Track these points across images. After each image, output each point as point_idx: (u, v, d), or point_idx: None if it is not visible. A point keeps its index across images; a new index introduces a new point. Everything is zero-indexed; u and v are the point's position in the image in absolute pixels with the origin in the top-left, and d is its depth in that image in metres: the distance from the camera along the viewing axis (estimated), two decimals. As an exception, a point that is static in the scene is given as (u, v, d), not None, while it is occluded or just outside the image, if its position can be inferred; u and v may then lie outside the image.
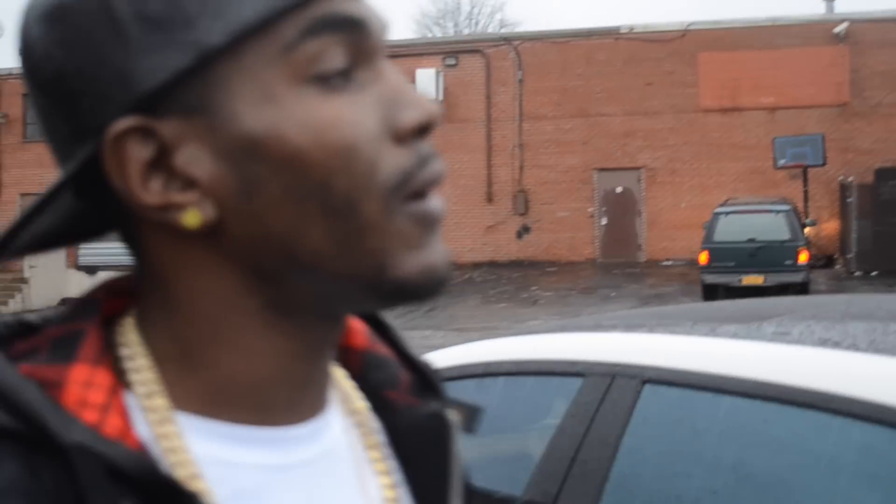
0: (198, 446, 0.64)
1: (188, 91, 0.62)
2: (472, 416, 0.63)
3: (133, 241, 0.68)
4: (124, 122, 0.62)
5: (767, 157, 21.62)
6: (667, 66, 23.49)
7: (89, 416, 0.61)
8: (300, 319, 0.67)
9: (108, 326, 0.67)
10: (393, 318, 0.78)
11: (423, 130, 0.65)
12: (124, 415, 0.63)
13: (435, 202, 0.66)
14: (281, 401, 0.68)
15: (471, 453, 2.47)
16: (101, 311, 0.67)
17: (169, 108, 0.62)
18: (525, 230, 24.42)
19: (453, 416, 0.78)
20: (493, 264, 23.67)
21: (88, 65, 0.62)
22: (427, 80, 23.77)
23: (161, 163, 0.63)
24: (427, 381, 0.79)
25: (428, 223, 0.65)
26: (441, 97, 24.11)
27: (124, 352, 0.66)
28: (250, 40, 0.61)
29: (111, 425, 0.61)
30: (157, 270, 0.66)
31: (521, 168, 24.50)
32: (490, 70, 24.64)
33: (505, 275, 22.28)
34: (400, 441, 0.76)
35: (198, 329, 0.66)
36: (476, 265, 23.39)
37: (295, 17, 0.62)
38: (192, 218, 0.63)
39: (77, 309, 0.67)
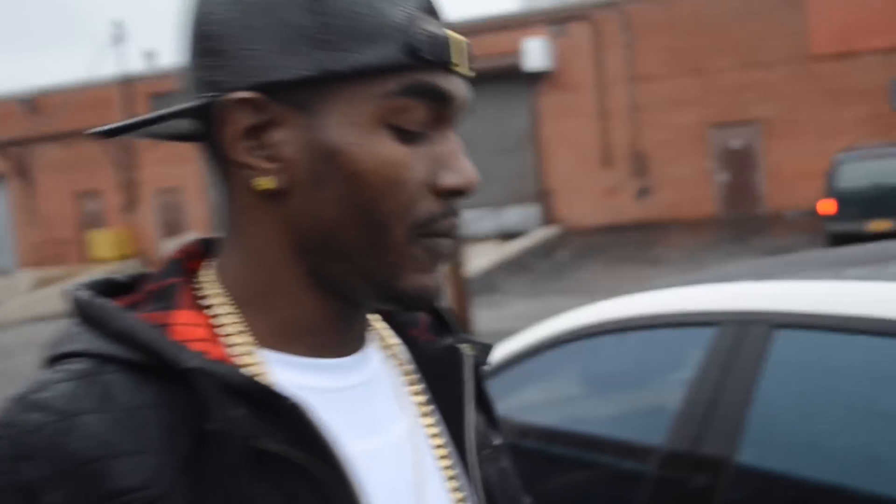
0: (274, 373, 0.83)
1: (302, 92, 0.80)
2: (483, 350, 0.79)
3: (220, 183, 0.87)
4: (247, 94, 0.81)
5: (885, 100, 20.90)
6: (776, 14, 22.87)
7: (196, 348, 0.79)
8: (333, 290, 0.85)
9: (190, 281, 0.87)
10: (522, 285, 0.95)
11: (457, 193, 0.84)
12: (221, 347, 0.82)
13: (447, 244, 0.85)
14: (331, 339, 0.87)
15: (609, 407, 2.59)
16: (184, 268, 0.88)
17: (283, 96, 0.80)
18: (644, 191, 24.18)
19: (466, 348, 0.96)
20: (613, 228, 23.52)
21: (247, 42, 0.80)
22: (536, 49, 23.70)
23: (255, 133, 0.82)
24: (443, 321, 0.99)
25: (435, 256, 0.85)
26: (551, 65, 24.03)
27: (210, 300, 0.85)
28: (363, 78, 0.80)
29: (214, 354, 0.80)
30: (236, 214, 0.86)
31: (636, 130, 24.25)
32: (598, 35, 24.39)
33: (627, 237, 22.14)
34: (423, 369, 0.96)
35: (265, 279, 0.85)
36: (597, 230, 23.29)
37: (402, 75, 0.80)
38: (265, 182, 0.82)
39: (166, 268, 0.87)
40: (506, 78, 23.82)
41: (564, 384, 2.56)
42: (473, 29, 24.28)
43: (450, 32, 0.83)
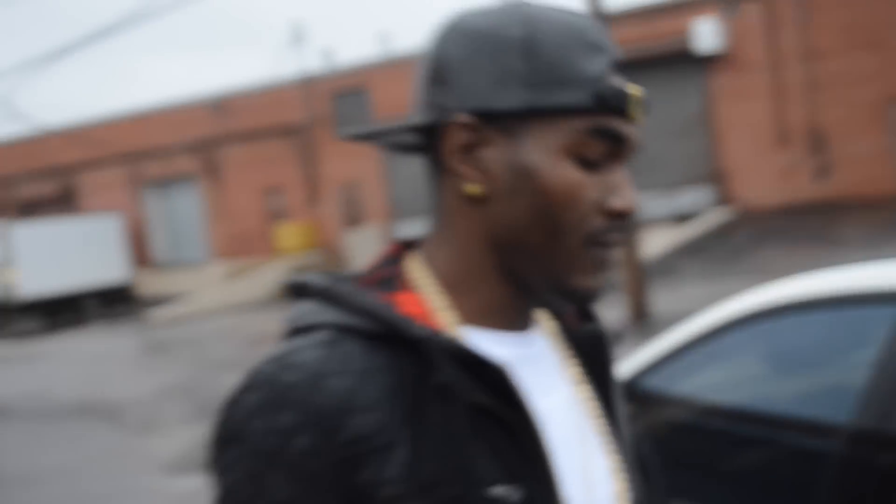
0: (476, 343, 1.03)
1: (510, 121, 1.01)
2: (617, 335, 1.04)
3: (435, 187, 1.08)
4: (468, 118, 1.02)
5: None
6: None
7: (418, 322, 1.00)
8: (517, 280, 1.06)
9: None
10: (699, 267, 1.11)
11: (622, 214, 1.04)
12: (434, 321, 1.04)
13: (611, 254, 1.05)
14: (514, 318, 1.08)
15: (793, 386, 2.61)
16: (399, 260, 1.11)
17: (495, 122, 1.02)
18: (822, 171, 23.31)
19: (607, 333, 1.18)
20: (789, 208, 22.80)
21: (472, 76, 1.02)
22: (707, 31, 23.17)
23: (469, 149, 1.03)
24: (586, 310, 1.20)
25: (601, 263, 1.05)
26: (723, 46, 23.45)
27: (420, 284, 1.07)
28: (559, 116, 1.01)
29: (431, 327, 1.01)
30: (445, 213, 1.07)
31: (812, 108, 23.37)
32: (771, 13, 23.62)
33: (804, 218, 21.42)
34: (574, 347, 1.18)
35: (467, 268, 1.06)
36: (773, 210, 22.62)
37: (589, 118, 1.01)
38: (472, 188, 1.03)
39: (383, 261, 1.11)
40: (676, 60, 23.40)
41: (748, 364, 2.60)
42: (644, 12, 23.95)
43: (631, 86, 1.03)
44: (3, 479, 9.77)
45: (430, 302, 1.06)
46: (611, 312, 15.07)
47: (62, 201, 35.06)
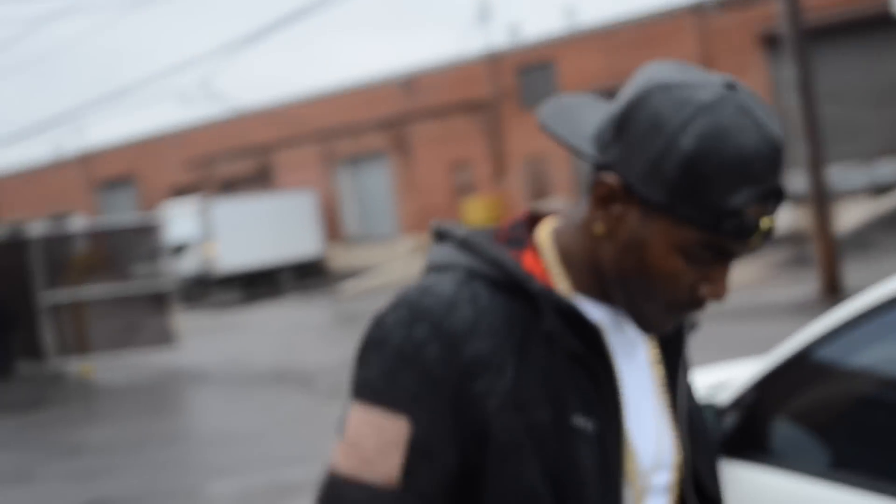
0: (581, 307, 1.24)
1: (648, 202, 1.18)
2: (692, 323, 1.35)
3: (585, 201, 1.27)
4: (615, 182, 1.20)
5: None
6: None
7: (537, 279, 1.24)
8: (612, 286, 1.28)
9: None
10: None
11: (706, 300, 1.22)
12: (550, 282, 1.27)
13: (682, 319, 1.28)
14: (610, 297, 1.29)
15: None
16: (529, 227, 1.34)
17: (636, 195, 1.19)
18: None
19: (686, 325, 1.37)
20: None
21: (637, 154, 1.18)
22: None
23: (609, 200, 1.20)
24: None
25: (672, 320, 1.25)
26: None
27: (545, 251, 1.30)
28: (682, 221, 1.17)
29: (547, 285, 1.24)
30: (585, 223, 1.27)
31: None
32: None
33: None
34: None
35: (583, 256, 1.27)
36: None
37: (706, 234, 1.16)
38: (597, 229, 1.23)
39: (517, 224, 1.34)
40: (876, 25, 22.13)
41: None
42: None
43: (765, 220, 1.17)
44: (200, 439, 10.32)
45: (548, 265, 1.29)
46: (802, 287, 14.47)
47: (259, 178, 36.56)
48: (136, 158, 41.08)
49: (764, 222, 1.16)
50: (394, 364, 1.18)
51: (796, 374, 2.57)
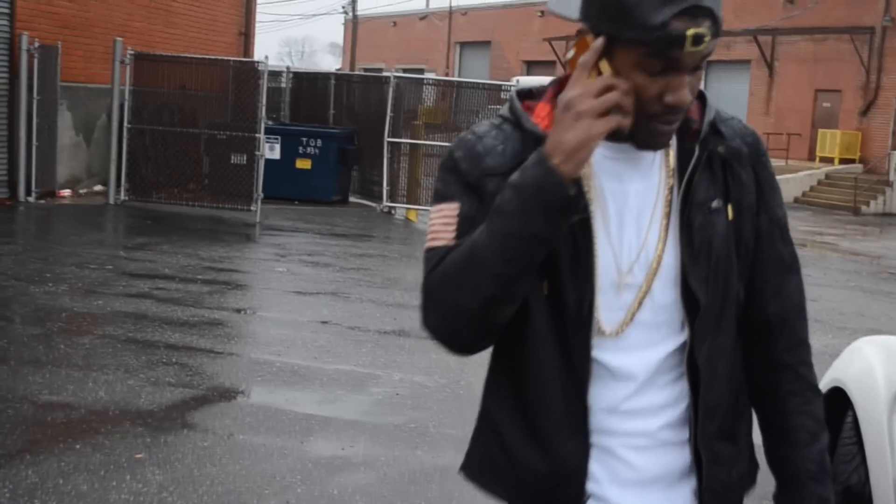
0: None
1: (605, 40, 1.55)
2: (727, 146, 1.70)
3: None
4: (584, 29, 1.59)
5: None
6: None
7: (541, 122, 1.67)
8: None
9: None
10: None
11: (672, 106, 1.55)
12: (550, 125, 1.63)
13: (665, 129, 1.60)
14: (624, 137, 1.62)
15: None
16: (552, 87, 1.72)
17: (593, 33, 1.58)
18: None
19: (720, 149, 1.71)
20: None
21: (588, 5, 1.57)
22: None
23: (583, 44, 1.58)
24: (714, 129, 1.72)
25: (659, 133, 1.60)
26: None
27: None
28: (628, 44, 1.52)
29: (547, 127, 1.64)
30: None
31: None
32: None
33: None
34: (680, 155, 1.70)
35: None
36: None
37: (649, 48, 1.50)
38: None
39: (545, 87, 1.73)
40: None
41: None
42: None
43: (689, 31, 1.48)
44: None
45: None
46: None
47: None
48: (497, 25, 41.77)
49: (689, 33, 1.48)
50: (446, 176, 1.70)
51: None
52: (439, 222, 1.67)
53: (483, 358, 1.80)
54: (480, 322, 1.60)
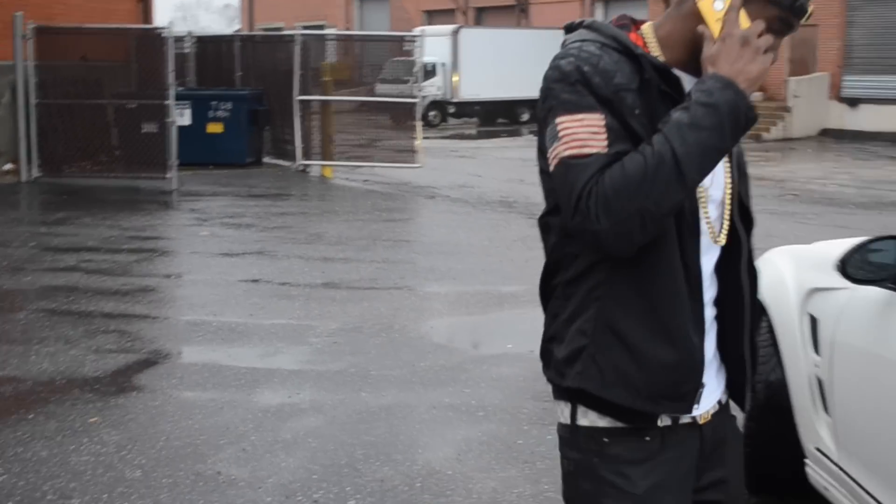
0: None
1: None
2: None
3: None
4: None
5: None
6: None
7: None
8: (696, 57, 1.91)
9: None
10: None
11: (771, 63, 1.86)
12: (648, 50, 1.91)
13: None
14: (691, 69, 1.89)
15: None
16: (634, 22, 1.97)
17: None
18: None
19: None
20: None
21: None
22: None
23: None
24: None
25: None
26: None
27: (646, 36, 1.94)
28: (769, 4, 1.86)
29: (646, 51, 1.91)
30: (682, 12, 1.91)
31: None
32: None
33: None
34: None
35: (676, 40, 1.91)
36: None
37: (782, 12, 1.86)
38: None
39: (624, 19, 1.97)
40: None
41: None
42: None
43: (810, 6, 1.85)
44: (425, 246, 10.79)
45: (647, 42, 1.93)
46: None
47: (515, 11, 36.31)
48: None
49: (810, 8, 1.85)
50: (578, 89, 1.80)
51: None
52: (584, 130, 1.78)
53: (415, 303, 2.02)
54: (659, 225, 1.78)
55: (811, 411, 3.63)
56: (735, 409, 2.12)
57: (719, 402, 2.03)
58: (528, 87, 28.60)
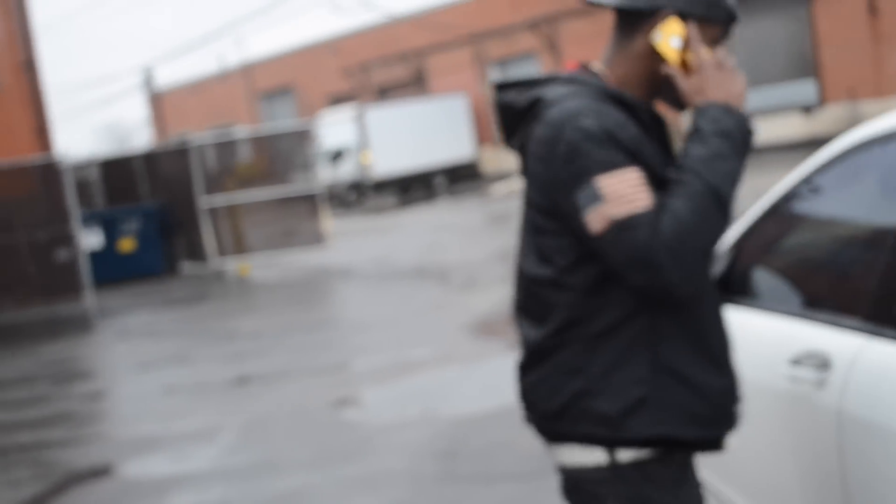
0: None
1: (688, 20, 2.04)
2: None
3: (628, 38, 2.05)
4: (673, 12, 2.03)
5: None
6: None
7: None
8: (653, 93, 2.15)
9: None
10: None
11: None
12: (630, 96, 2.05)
13: None
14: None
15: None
16: (588, 70, 2.09)
17: (686, 17, 2.03)
18: None
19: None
20: None
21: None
22: None
23: (671, 27, 2.02)
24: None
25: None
26: None
27: (606, 79, 2.03)
28: (712, 22, 2.04)
29: (637, 97, 2.05)
30: (631, 53, 2.03)
31: None
32: None
33: None
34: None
35: (637, 78, 2.03)
36: None
37: (726, 25, 2.04)
38: (672, 53, 2.00)
39: (580, 69, 2.09)
40: None
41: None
42: None
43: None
44: (343, 325, 11.04)
45: (617, 86, 2.00)
46: None
47: (413, 84, 37.07)
48: (294, 68, 42.22)
49: (736, 9, 1.99)
50: (609, 147, 1.83)
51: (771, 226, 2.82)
52: (627, 187, 1.80)
53: (325, 382, 2.21)
54: (711, 259, 1.85)
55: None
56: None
57: None
58: (438, 154, 28.86)
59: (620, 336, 1.88)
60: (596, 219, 1.79)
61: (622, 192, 1.78)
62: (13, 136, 19.09)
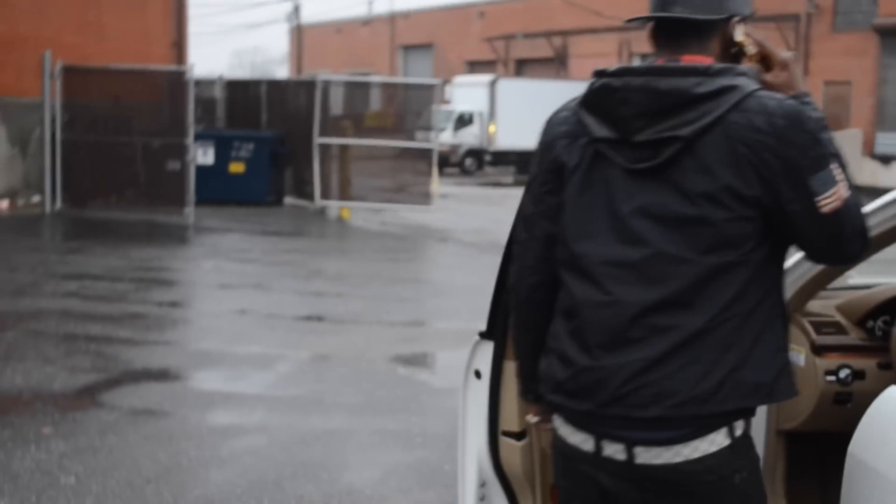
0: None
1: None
2: None
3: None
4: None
5: None
6: None
7: None
8: None
9: None
10: None
11: None
12: None
13: None
14: None
15: None
16: None
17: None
18: None
19: None
20: None
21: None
22: None
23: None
24: None
25: None
26: None
27: None
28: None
29: None
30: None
31: None
32: None
33: None
34: None
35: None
36: None
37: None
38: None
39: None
40: None
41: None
42: None
43: None
44: (427, 285, 11.00)
45: None
46: None
47: (554, 64, 36.68)
48: (438, 26, 42.28)
49: None
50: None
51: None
52: (842, 174, 1.97)
53: (392, 337, 2.12)
54: None
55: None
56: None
57: None
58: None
59: (764, 308, 2.00)
60: (834, 199, 1.92)
61: (843, 176, 1.94)
62: (151, 45, 19.56)
